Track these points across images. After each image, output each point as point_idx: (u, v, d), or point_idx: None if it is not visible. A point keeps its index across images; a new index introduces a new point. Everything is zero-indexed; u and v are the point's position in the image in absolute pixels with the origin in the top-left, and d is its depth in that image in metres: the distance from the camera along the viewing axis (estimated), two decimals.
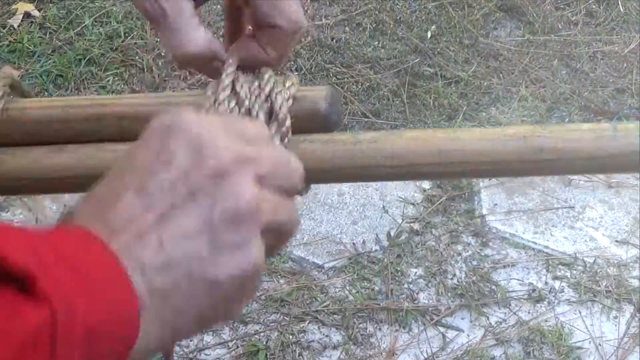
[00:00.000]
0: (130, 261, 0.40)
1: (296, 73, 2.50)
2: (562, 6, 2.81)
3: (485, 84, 2.52)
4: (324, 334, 1.89)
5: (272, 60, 0.57)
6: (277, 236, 0.47)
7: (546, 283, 2.02)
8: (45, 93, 2.41)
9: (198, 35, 0.57)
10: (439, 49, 2.63)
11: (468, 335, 1.91)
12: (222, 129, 0.45)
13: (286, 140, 0.55)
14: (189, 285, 0.41)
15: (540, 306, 1.97)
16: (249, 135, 0.47)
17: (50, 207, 2.08)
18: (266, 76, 0.57)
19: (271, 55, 0.57)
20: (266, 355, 1.84)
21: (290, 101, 0.56)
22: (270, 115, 0.55)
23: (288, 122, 0.55)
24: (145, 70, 2.50)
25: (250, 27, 0.58)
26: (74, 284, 0.37)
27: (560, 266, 2.06)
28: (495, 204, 2.20)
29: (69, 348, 0.35)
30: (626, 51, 2.67)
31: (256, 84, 0.56)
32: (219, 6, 2.57)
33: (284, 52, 0.57)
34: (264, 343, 1.86)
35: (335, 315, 1.92)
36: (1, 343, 0.33)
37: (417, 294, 1.98)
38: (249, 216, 0.43)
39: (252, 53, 0.57)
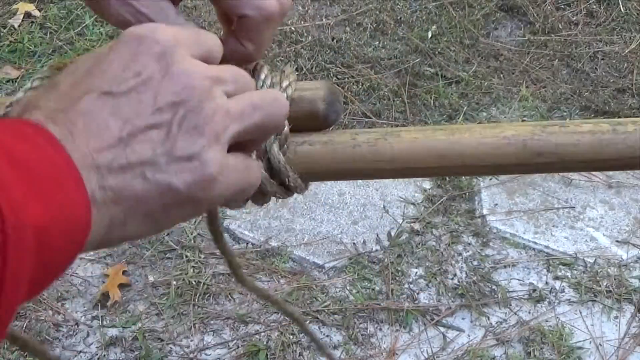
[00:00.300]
0: (85, 160, 0.41)
1: (297, 73, 2.50)
2: (562, 6, 2.81)
3: (485, 84, 2.52)
4: (324, 334, 1.89)
5: (252, 52, 0.57)
6: (260, 133, 0.48)
7: (547, 283, 2.02)
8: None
9: None
10: (439, 49, 2.63)
11: (468, 335, 1.91)
12: (190, 47, 0.46)
13: (285, 146, 0.55)
14: (141, 187, 0.43)
15: (541, 306, 1.97)
16: (208, 45, 0.48)
17: None
18: (262, 76, 0.56)
19: (249, 48, 0.56)
20: (267, 355, 1.84)
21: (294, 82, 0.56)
22: None
23: (286, 129, 0.55)
24: None
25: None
26: (22, 184, 0.37)
27: (560, 266, 2.06)
28: (496, 204, 2.20)
29: (19, 253, 0.36)
30: (627, 51, 2.67)
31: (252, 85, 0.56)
32: None
33: (260, 42, 0.56)
34: (265, 343, 1.86)
35: (335, 315, 1.92)
36: None
37: (418, 294, 1.98)
38: (210, 131, 0.44)
39: (230, 48, 0.56)
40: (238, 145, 0.47)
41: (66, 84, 0.44)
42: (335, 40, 2.64)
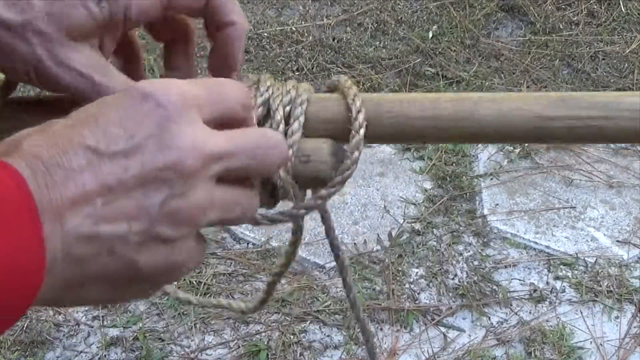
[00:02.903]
0: (55, 222, 0.39)
1: (297, 73, 2.50)
2: (563, 6, 2.81)
3: (486, 84, 2.52)
4: (325, 334, 1.89)
5: (241, 61, 0.56)
6: (223, 220, 0.46)
7: (547, 283, 2.02)
8: (46, 93, 2.41)
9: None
10: (440, 49, 2.63)
11: (469, 336, 1.91)
12: (202, 109, 0.44)
13: (290, 163, 0.54)
14: (106, 259, 0.41)
15: (542, 306, 1.97)
16: (230, 103, 0.45)
17: None
18: (273, 108, 0.55)
19: (239, 58, 0.56)
20: (267, 355, 1.84)
21: (305, 105, 0.55)
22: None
23: (298, 135, 0.54)
24: (147, 70, 2.50)
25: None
26: None
27: (561, 266, 2.06)
28: (497, 204, 2.20)
29: None
30: (627, 51, 2.67)
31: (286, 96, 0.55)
32: None
33: (241, 54, 0.56)
34: (266, 343, 1.86)
35: (336, 315, 1.92)
36: None
37: (419, 294, 1.99)
38: (190, 221, 0.42)
39: (217, 62, 0.56)
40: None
41: (60, 126, 0.41)
42: (336, 40, 2.64)
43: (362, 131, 0.53)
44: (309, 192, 0.56)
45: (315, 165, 0.53)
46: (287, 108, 0.54)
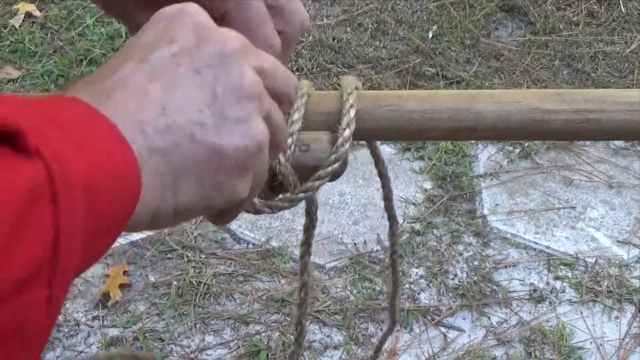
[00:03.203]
0: (126, 119, 0.40)
1: (297, 73, 2.50)
2: (563, 6, 2.81)
3: (486, 84, 2.52)
4: (325, 334, 1.89)
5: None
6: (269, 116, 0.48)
7: (547, 283, 2.02)
8: (46, 93, 2.41)
9: None
10: (440, 49, 2.63)
11: (469, 336, 1.91)
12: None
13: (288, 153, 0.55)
14: (190, 148, 0.42)
15: (542, 306, 1.97)
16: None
17: None
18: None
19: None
20: (267, 355, 1.84)
21: (305, 98, 0.57)
22: None
23: (298, 125, 0.55)
24: None
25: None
26: (64, 140, 0.36)
27: (561, 266, 2.06)
28: (497, 204, 2.20)
29: (70, 202, 0.34)
30: (627, 51, 2.67)
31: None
32: None
33: (287, 56, 0.58)
34: (265, 343, 1.86)
35: (336, 316, 1.92)
36: (1, 196, 0.32)
37: (419, 294, 1.98)
38: (252, 95, 0.44)
39: None
40: None
41: (106, 65, 0.44)
42: (336, 41, 2.64)
43: (351, 127, 0.55)
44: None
45: (314, 154, 0.55)
46: None
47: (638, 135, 0.52)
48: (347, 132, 0.55)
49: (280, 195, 0.56)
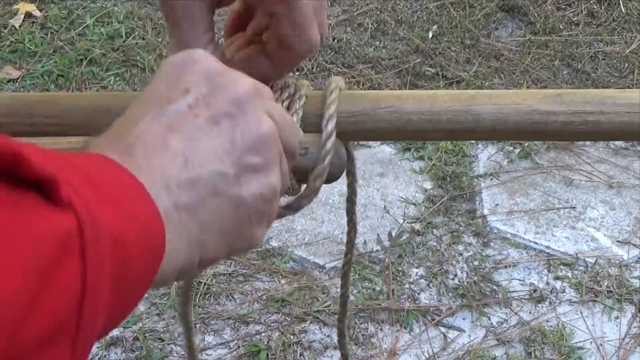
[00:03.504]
0: (151, 176, 0.40)
1: (297, 73, 2.50)
2: (563, 6, 2.81)
3: (486, 84, 2.52)
4: (325, 334, 1.89)
5: (276, 75, 0.59)
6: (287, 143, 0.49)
7: (547, 283, 2.02)
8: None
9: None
10: (440, 49, 2.63)
11: (469, 336, 1.91)
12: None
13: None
14: (214, 202, 0.43)
15: (542, 306, 1.97)
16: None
17: None
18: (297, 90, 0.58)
19: (279, 72, 0.59)
20: (267, 355, 1.84)
21: (304, 100, 0.57)
22: None
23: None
24: (147, 70, 2.50)
25: (249, 31, 0.59)
26: (94, 195, 0.36)
27: (561, 266, 2.06)
28: (497, 204, 2.20)
29: (99, 254, 0.34)
30: (627, 51, 2.67)
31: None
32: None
33: (289, 70, 0.59)
34: (265, 343, 1.86)
35: (336, 316, 1.92)
36: (32, 246, 0.31)
37: (419, 294, 1.98)
38: (270, 143, 0.45)
39: (262, 70, 0.58)
40: None
41: (124, 117, 0.44)
42: (336, 41, 2.64)
43: (332, 122, 0.55)
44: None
45: (313, 156, 0.55)
46: (286, 102, 0.56)
47: (637, 136, 0.52)
48: (330, 127, 0.55)
49: (281, 199, 0.56)
